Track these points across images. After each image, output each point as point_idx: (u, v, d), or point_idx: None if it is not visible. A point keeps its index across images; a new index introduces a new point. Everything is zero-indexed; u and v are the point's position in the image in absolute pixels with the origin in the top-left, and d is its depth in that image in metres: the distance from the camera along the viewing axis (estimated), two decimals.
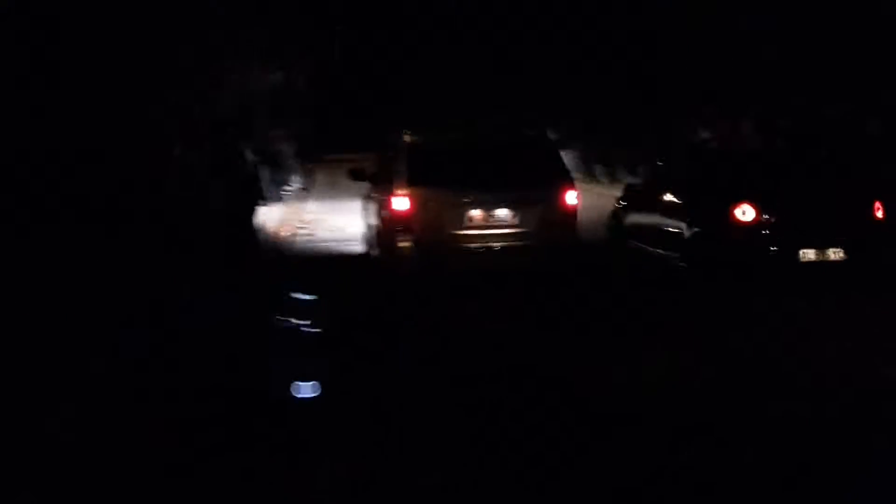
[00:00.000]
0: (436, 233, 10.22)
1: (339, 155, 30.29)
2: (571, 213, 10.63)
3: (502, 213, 10.38)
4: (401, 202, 10.33)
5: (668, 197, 11.62)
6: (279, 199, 21.96)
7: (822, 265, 10.19)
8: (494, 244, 10.34)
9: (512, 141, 11.40)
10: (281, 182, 23.61)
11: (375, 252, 11.76)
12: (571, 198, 10.58)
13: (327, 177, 27.82)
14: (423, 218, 10.23)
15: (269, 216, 18.07)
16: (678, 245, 11.04)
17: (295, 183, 25.60)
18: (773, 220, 10.31)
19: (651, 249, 11.74)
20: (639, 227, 12.29)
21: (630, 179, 17.13)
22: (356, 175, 12.69)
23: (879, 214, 10.42)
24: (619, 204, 13.09)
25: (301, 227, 17.26)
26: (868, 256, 10.27)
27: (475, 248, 10.30)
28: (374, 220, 11.77)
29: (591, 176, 24.11)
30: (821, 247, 10.19)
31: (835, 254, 10.20)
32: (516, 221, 10.40)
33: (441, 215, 10.26)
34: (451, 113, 33.70)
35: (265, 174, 20.58)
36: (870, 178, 11.44)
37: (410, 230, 10.28)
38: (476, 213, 10.35)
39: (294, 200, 22.80)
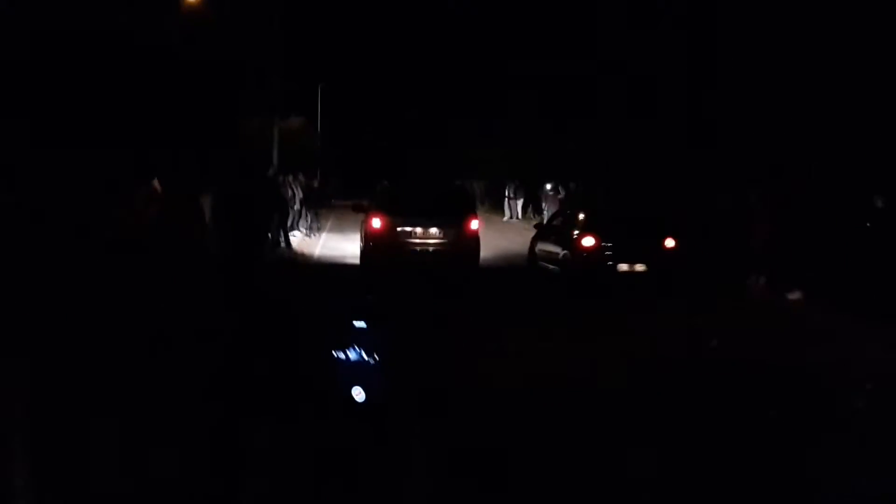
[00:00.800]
0: (395, 240, 16.80)
1: (344, 200, 34.93)
2: (474, 233, 17.21)
3: (433, 230, 16.95)
4: (376, 222, 16.96)
5: (555, 232, 18.26)
6: (286, 243, 21.94)
7: (632, 274, 16.52)
8: (428, 248, 16.92)
9: (443, 189, 18.29)
10: (290, 227, 23.93)
11: (363, 254, 18.26)
12: (474, 224, 17.19)
13: (335, 219, 32.15)
14: (388, 232, 16.85)
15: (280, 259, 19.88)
16: (557, 262, 17.59)
17: (303, 227, 26.83)
18: (605, 245, 16.73)
19: (547, 265, 18.27)
20: (542, 251, 18.85)
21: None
22: (357, 208, 18.88)
23: (670, 245, 16.82)
24: (534, 237, 19.70)
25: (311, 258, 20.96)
26: (660, 270, 16.72)
27: (418, 249, 16.87)
28: (362, 236, 18.38)
29: None
30: (631, 263, 16.54)
31: (640, 267, 16.61)
32: (441, 236, 16.96)
33: (398, 230, 16.86)
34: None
35: (274, 218, 20.31)
36: (669, 221, 17.85)
37: (381, 239, 16.90)
38: (419, 230, 16.91)
39: (302, 243, 23.94)
